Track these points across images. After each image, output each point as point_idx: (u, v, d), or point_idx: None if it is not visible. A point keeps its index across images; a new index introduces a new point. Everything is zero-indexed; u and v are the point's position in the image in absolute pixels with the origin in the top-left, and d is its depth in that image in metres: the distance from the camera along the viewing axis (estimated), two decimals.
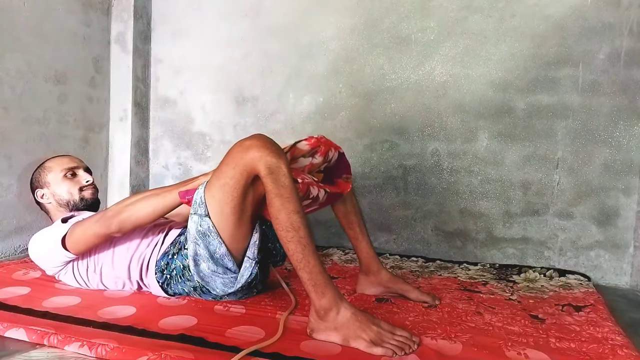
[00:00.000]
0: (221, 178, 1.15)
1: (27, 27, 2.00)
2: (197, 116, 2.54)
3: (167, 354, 0.92)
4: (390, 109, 2.17)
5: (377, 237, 2.17)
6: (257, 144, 1.10)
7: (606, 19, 1.86)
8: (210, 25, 2.47)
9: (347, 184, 1.35)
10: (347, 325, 1.02)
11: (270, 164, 1.07)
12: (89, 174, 1.56)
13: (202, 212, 1.18)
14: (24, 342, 1.03)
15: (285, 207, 1.05)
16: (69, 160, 1.55)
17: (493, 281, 1.67)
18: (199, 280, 1.26)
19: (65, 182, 1.49)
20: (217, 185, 1.16)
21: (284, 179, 1.07)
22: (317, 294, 1.03)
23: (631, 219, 1.86)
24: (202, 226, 1.19)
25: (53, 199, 1.50)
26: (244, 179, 1.12)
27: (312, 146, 1.24)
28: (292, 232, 1.04)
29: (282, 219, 1.05)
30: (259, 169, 1.09)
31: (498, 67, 2.01)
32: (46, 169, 1.51)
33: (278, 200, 1.06)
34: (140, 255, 1.36)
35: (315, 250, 1.05)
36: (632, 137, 1.85)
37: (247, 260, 1.25)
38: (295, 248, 1.04)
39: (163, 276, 1.33)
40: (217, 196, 1.16)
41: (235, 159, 1.12)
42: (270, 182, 1.07)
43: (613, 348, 1.05)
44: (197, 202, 1.20)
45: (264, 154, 1.08)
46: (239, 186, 1.13)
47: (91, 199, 1.53)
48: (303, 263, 1.03)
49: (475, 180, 2.06)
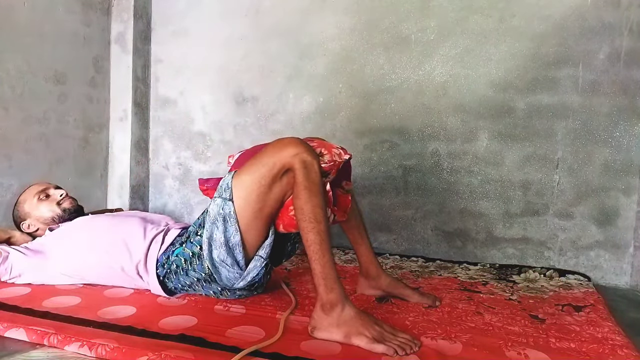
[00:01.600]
0: (254, 165, 1.19)
1: (27, 27, 2.00)
2: (197, 116, 2.54)
3: (167, 354, 0.92)
4: (390, 109, 2.17)
5: (377, 237, 2.17)
6: (296, 142, 1.16)
7: (606, 19, 1.86)
8: (210, 25, 2.47)
9: (346, 198, 1.34)
10: (350, 323, 1.03)
11: (306, 159, 1.13)
12: (60, 189, 1.61)
13: (227, 195, 1.22)
14: (24, 342, 1.03)
15: (311, 200, 1.10)
16: (38, 186, 1.60)
17: (493, 281, 1.67)
18: (209, 266, 1.27)
19: (41, 203, 1.55)
20: (248, 171, 1.20)
21: (315, 176, 1.12)
22: (326, 287, 1.06)
23: (631, 219, 1.86)
24: (224, 210, 1.22)
25: (39, 223, 1.54)
26: (276, 169, 1.16)
27: (326, 169, 1.24)
28: (314, 224, 1.08)
29: (307, 210, 1.10)
30: (293, 163, 1.13)
31: (498, 67, 2.01)
32: (21, 202, 1.57)
33: (306, 193, 1.11)
34: (139, 250, 1.37)
35: (330, 247, 1.09)
36: (632, 137, 1.85)
37: (259, 259, 1.26)
38: (314, 239, 1.08)
39: (164, 270, 1.34)
40: (246, 182, 1.20)
41: (273, 150, 1.17)
42: (302, 175, 1.12)
43: (613, 348, 1.05)
44: (223, 187, 1.24)
45: (301, 151, 1.14)
46: (269, 175, 1.17)
47: (72, 207, 1.58)
48: (319, 254, 1.07)
49: (475, 180, 2.06)
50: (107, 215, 1.58)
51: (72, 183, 2.27)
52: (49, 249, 1.42)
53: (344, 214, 1.33)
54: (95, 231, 1.43)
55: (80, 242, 1.41)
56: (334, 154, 1.23)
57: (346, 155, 1.25)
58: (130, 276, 1.38)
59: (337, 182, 1.34)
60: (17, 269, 1.39)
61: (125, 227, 1.42)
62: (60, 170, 2.22)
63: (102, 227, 1.45)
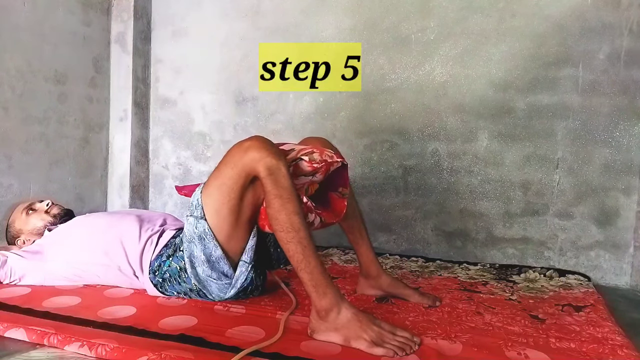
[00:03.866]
0: (219, 178, 1.15)
1: (27, 27, 2.00)
2: (197, 116, 2.54)
3: (167, 354, 0.92)
4: (390, 109, 2.17)
5: (377, 237, 2.17)
6: (257, 144, 1.10)
7: (606, 19, 1.86)
8: (210, 25, 2.47)
9: (342, 202, 1.31)
10: (347, 326, 1.02)
11: (270, 164, 1.07)
12: (44, 200, 1.60)
13: (198, 214, 1.19)
14: (24, 342, 1.03)
15: (285, 208, 1.05)
16: (22, 204, 1.60)
17: (493, 281, 1.66)
18: (195, 283, 1.26)
19: (30, 217, 1.54)
20: (214, 185, 1.16)
21: (284, 180, 1.07)
22: (317, 294, 1.03)
23: (631, 219, 1.86)
24: (198, 228, 1.19)
25: (33, 235, 1.53)
26: (242, 179, 1.12)
27: (312, 169, 1.22)
28: (293, 233, 1.04)
29: (281, 219, 1.05)
30: (258, 170, 1.09)
31: (498, 67, 2.01)
32: (11, 223, 1.56)
33: (278, 201, 1.06)
34: (135, 251, 1.36)
35: (315, 250, 1.05)
36: (632, 137, 1.85)
37: (243, 265, 1.23)
38: (295, 249, 1.04)
39: (156, 277, 1.32)
40: (215, 196, 1.16)
41: (234, 160, 1.12)
42: (270, 182, 1.07)
43: (613, 348, 1.05)
44: (194, 205, 1.20)
45: (264, 155, 1.08)
46: (237, 187, 1.13)
47: (62, 212, 1.58)
48: (304, 264, 1.03)
49: (475, 180, 2.06)
50: (104, 213, 1.58)
51: (72, 183, 2.28)
52: (48, 248, 1.42)
53: (335, 217, 1.30)
54: (93, 230, 1.43)
55: (78, 240, 1.41)
56: (326, 154, 1.20)
57: (339, 159, 1.21)
58: (127, 276, 1.38)
59: (334, 187, 1.33)
60: (17, 271, 1.38)
61: (121, 227, 1.41)
62: (60, 170, 2.22)
63: (100, 225, 1.44)
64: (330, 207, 1.30)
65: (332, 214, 1.30)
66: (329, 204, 1.30)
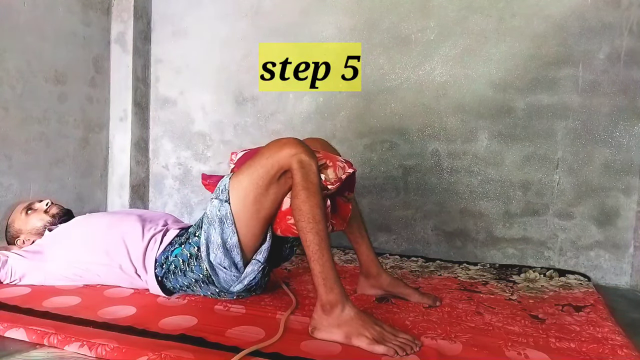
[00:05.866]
0: (252, 166, 1.19)
1: (27, 27, 2.00)
2: (197, 116, 2.54)
3: (167, 354, 0.92)
4: (390, 109, 2.17)
5: (377, 237, 2.17)
6: (294, 142, 1.16)
7: (606, 19, 1.86)
8: (210, 25, 2.47)
9: (347, 207, 1.34)
10: (350, 323, 1.03)
11: (303, 160, 1.13)
12: (43, 200, 1.61)
13: (223, 197, 1.22)
14: (24, 342, 1.03)
15: (310, 200, 1.10)
16: (21, 204, 1.61)
17: (493, 281, 1.67)
18: (207, 268, 1.26)
19: (30, 216, 1.55)
20: (246, 172, 1.20)
21: (313, 176, 1.12)
22: (326, 287, 1.06)
23: (631, 219, 1.86)
24: (221, 211, 1.22)
25: (32, 235, 1.54)
26: (274, 170, 1.16)
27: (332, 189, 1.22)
28: (313, 224, 1.09)
29: (305, 210, 1.10)
30: (291, 163, 1.13)
31: (498, 67, 2.01)
32: (11, 223, 1.57)
33: (304, 193, 1.11)
34: (138, 249, 1.36)
35: (330, 246, 1.09)
36: (632, 137, 1.85)
37: (256, 264, 1.26)
38: (313, 239, 1.08)
39: (162, 270, 1.34)
40: (244, 183, 1.20)
41: (270, 152, 1.17)
42: (300, 175, 1.12)
43: (613, 348, 1.05)
44: (220, 189, 1.24)
45: (299, 151, 1.13)
46: (267, 176, 1.17)
47: (61, 211, 1.58)
48: (318, 255, 1.07)
49: (475, 180, 2.06)
50: (105, 213, 1.58)
51: (72, 183, 2.28)
52: (48, 248, 1.42)
53: (343, 223, 1.32)
54: (94, 229, 1.43)
55: (78, 240, 1.41)
56: (338, 167, 1.21)
57: (350, 169, 1.23)
58: (128, 275, 1.38)
59: (340, 192, 1.33)
60: (18, 271, 1.39)
61: (123, 226, 1.41)
62: (60, 170, 2.22)
63: (101, 225, 1.44)
64: (337, 212, 1.31)
65: (341, 220, 1.32)
66: (336, 209, 1.31)
